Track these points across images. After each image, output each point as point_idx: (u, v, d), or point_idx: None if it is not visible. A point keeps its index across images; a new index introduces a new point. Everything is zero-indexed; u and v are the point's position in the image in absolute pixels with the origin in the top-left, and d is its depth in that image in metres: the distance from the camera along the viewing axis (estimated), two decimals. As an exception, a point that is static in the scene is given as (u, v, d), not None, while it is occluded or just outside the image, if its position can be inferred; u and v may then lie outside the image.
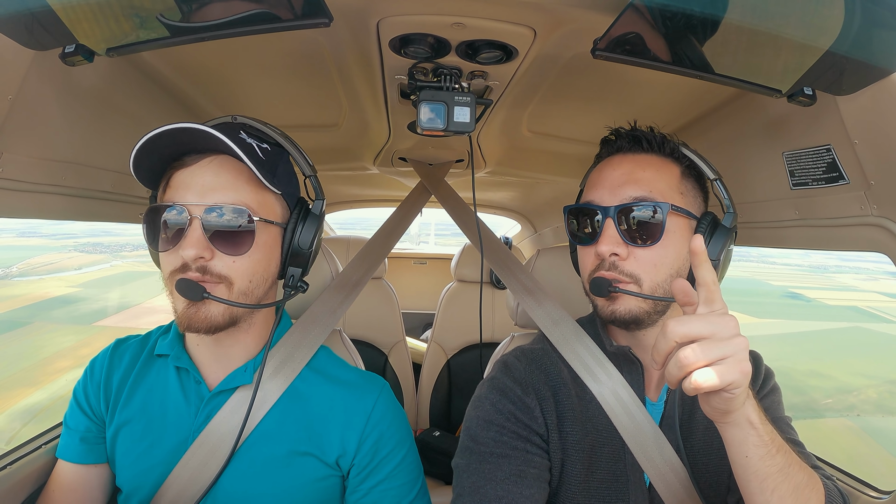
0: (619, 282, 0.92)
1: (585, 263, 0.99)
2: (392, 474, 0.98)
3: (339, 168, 2.23)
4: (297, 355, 1.04)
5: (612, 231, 0.92)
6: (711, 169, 0.99)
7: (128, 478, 0.98)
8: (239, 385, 0.97)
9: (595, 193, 0.97)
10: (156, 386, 1.00)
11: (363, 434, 0.97)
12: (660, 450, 0.95)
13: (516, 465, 0.91)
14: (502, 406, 0.96)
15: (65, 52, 0.83)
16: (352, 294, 1.26)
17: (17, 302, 20.18)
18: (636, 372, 1.01)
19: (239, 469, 0.95)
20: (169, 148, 0.87)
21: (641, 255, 0.92)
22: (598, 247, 0.93)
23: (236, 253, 0.88)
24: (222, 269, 0.87)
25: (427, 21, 0.89)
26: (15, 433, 9.83)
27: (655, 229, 0.91)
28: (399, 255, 4.04)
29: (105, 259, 28.79)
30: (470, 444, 0.96)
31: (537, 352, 1.08)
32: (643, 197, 0.92)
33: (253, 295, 0.92)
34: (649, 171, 0.95)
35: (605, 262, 0.93)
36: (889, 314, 28.65)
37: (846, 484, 1.12)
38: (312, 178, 1.03)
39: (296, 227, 0.97)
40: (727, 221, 0.97)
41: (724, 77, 0.88)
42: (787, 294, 29.80)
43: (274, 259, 0.96)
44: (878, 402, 14.94)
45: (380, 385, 1.05)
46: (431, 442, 2.31)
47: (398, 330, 2.57)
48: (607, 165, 1.00)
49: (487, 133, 1.64)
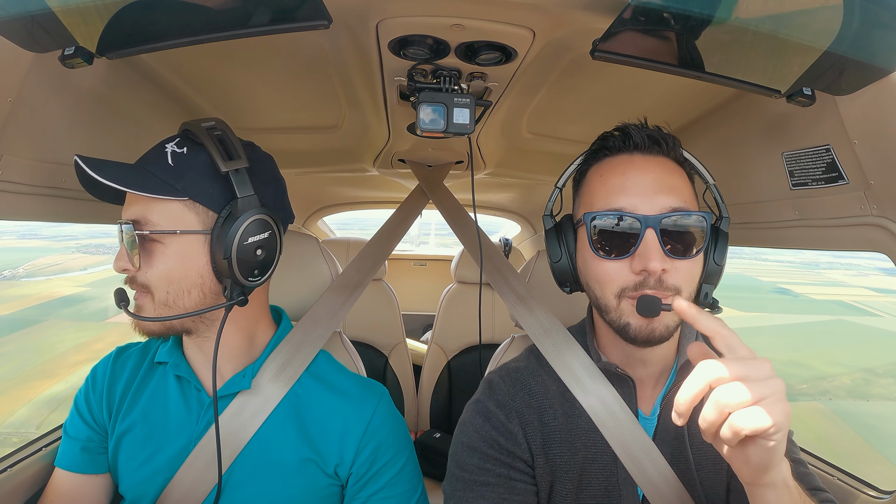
0: (665, 298, 0.83)
1: (615, 279, 0.88)
2: (391, 483, 0.98)
3: (339, 170, 2.23)
4: (298, 358, 1.03)
5: (656, 244, 0.84)
6: (709, 174, 0.97)
7: (130, 485, 0.98)
8: (238, 390, 0.97)
9: (624, 200, 0.87)
10: (157, 393, 1.00)
11: (361, 443, 0.97)
12: (653, 463, 0.94)
13: (499, 494, 0.90)
14: (485, 432, 0.95)
15: (64, 54, 0.83)
16: (353, 296, 1.26)
17: (28, 301, 20.84)
18: (628, 388, 0.98)
19: (241, 475, 0.95)
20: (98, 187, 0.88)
21: (681, 267, 0.86)
22: (646, 262, 0.83)
23: (148, 265, 0.88)
24: (143, 280, 0.88)
25: (426, 22, 0.89)
26: (43, 419, 10.19)
27: (695, 240, 0.87)
28: (399, 257, 4.04)
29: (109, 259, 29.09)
30: (455, 471, 0.95)
31: (522, 370, 1.05)
32: (682, 207, 0.86)
33: (176, 305, 0.89)
34: (675, 177, 0.90)
35: (650, 279, 0.84)
36: (873, 308, 29.22)
37: (846, 483, 1.12)
38: (231, 172, 0.87)
39: (220, 232, 0.87)
40: (724, 226, 0.96)
41: (724, 77, 0.88)
42: (776, 289, 30.12)
43: (194, 269, 0.89)
44: (850, 388, 15.70)
45: (379, 393, 1.04)
46: (432, 444, 2.31)
47: (398, 331, 2.57)
48: (629, 167, 0.90)
49: (487, 134, 1.64)
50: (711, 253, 0.92)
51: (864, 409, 14.03)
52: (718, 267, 0.93)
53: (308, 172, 2.22)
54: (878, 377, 16.81)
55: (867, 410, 13.97)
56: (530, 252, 3.58)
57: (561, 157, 1.89)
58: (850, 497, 1.08)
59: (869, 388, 15.76)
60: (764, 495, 0.67)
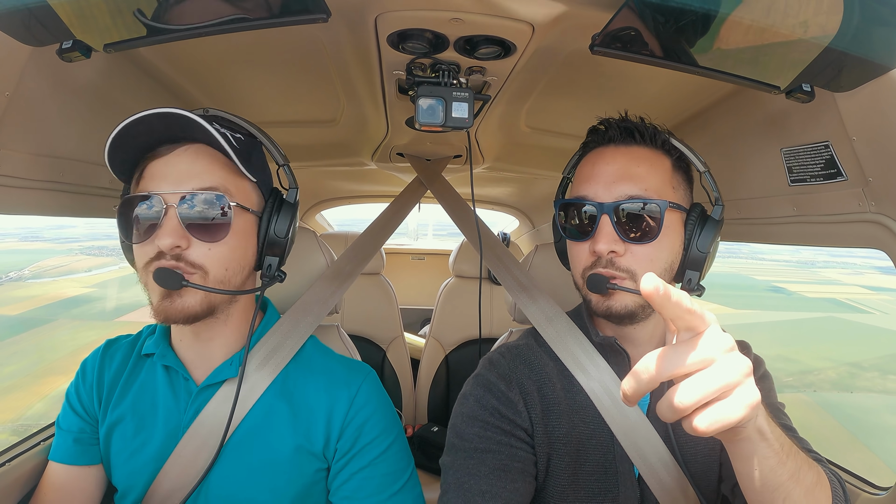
0: (615, 278, 0.92)
1: (579, 259, 0.98)
2: (375, 462, 0.97)
3: (337, 164, 2.23)
4: (286, 346, 1.03)
5: (608, 228, 0.91)
6: (700, 161, 0.99)
7: (122, 476, 0.98)
8: (226, 378, 0.97)
9: (588, 188, 0.96)
10: (146, 385, 1.00)
11: (346, 419, 0.97)
12: (648, 440, 0.96)
13: (500, 460, 0.92)
14: (486, 402, 0.97)
15: (62, 47, 0.83)
16: (343, 285, 1.26)
17: (36, 302, 21.30)
18: (622, 363, 1.01)
19: (230, 463, 0.95)
20: (143, 137, 0.85)
21: (638, 251, 0.92)
22: (595, 244, 0.92)
23: (212, 240, 0.87)
24: (197, 258, 0.86)
25: (425, 16, 0.89)
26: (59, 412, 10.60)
27: (652, 226, 0.91)
28: (397, 251, 4.04)
29: (112, 262, 29.57)
30: (455, 441, 0.96)
31: (522, 347, 1.08)
32: (639, 195, 0.92)
33: (230, 284, 0.91)
34: (643, 165, 0.95)
35: (602, 260, 0.92)
36: (865, 305, 29.62)
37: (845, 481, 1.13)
38: (286, 167, 1.02)
39: (271, 215, 0.96)
40: (716, 214, 0.98)
41: (723, 73, 0.88)
42: (770, 288, 30.42)
43: (250, 248, 0.95)
44: (835, 380, 15.87)
45: (365, 371, 1.04)
46: (430, 437, 2.32)
47: (396, 325, 2.58)
48: (600, 158, 0.98)
49: (485, 128, 1.64)
50: (695, 239, 0.95)
51: (848, 400, 14.36)
52: (701, 254, 0.95)
53: (306, 166, 2.22)
54: (864, 370, 17.16)
55: (851, 402, 14.28)
56: (528, 246, 3.58)
57: (559, 152, 1.89)
58: (849, 494, 1.09)
59: (854, 381, 16.12)
60: (737, 446, 0.65)
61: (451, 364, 2.63)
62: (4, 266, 27.15)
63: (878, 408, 14.17)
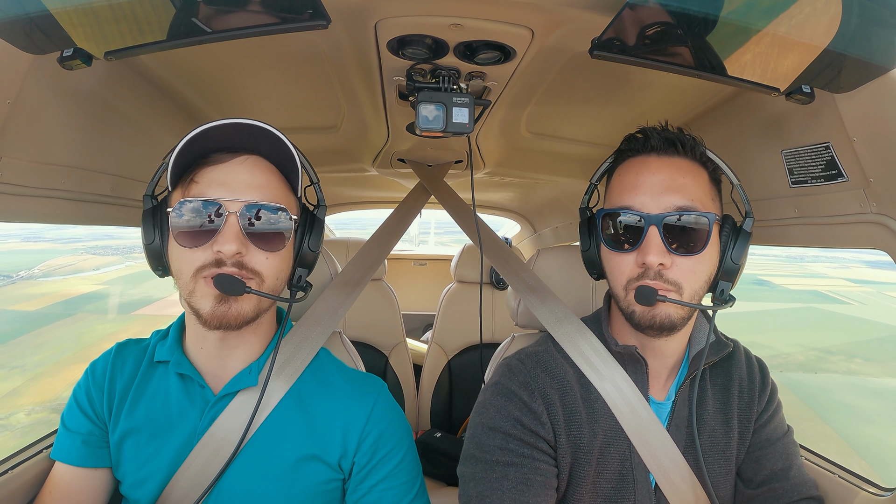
0: (663, 290, 0.91)
1: (621, 270, 0.96)
2: (392, 473, 0.98)
3: (338, 170, 2.23)
4: (300, 356, 1.04)
5: (657, 240, 0.90)
6: (734, 174, 0.99)
7: (133, 482, 0.98)
8: (243, 388, 0.97)
9: (634, 198, 0.94)
10: (158, 393, 1.00)
11: (363, 433, 0.98)
12: (665, 450, 0.95)
13: (522, 474, 0.91)
14: (507, 412, 0.96)
15: (63, 55, 0.83)
16: (353, 294, 1.26)
17: (52, 298, 22.17)
18: (641, 371, 1.01)
19: (243, 470, 0.95)
20: (198, 144, 0.88)
21: (683, 264, 0.91)
22: (644, 256, 0.90)
23: (271, 249, 0.90)
24: (256, 265, 0.89)
25: (425, 22, 0.89)
26: None
27: (700, 239, 0.91)
28: (399, 257, 4.04)
29: (119, 260, 30.20)
30: (475, 452, 0.95)
31: (541, 354, 1.07)
32: (688, 206, 0.91)
33: (277, 292, 0.94)
34: (688, 177, 0.94)
35: (651, 272, 0.91)
36: (845, 297, 30.56)
37: (846, 480, 1.12)
38: (316, 185, 1.06)
39: (305, 229, 1.00)
40: (747, 226, 0.98)
41: (722, 75, 0.88)
42: (755, 281, 30.74)
43: (291, 259, 0.99)
44: (802, 363, 17.46)
45: (378, 385, 1.06)
46: (433, 443, 2.31)
47: (398, 331, 2.57)
48: (644, 168, 0.96)
49: (486, 134, 1.64)
50: (730, 251, 0.96)
51: (810, 380, 15.90)
52: (735, 265, 0.96)
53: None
54: (831, 355, 18.64)
55: (813, 382, 15.83)
56: (530, 251, 3.58)
57: (560, 157, 1.90)
58: (850, 494, 1.08)
59: (819, 364, 17.51)
60: None
61: (454, 369, 2.62)
62: (11, 266, 27.69)
63: (837, 387, 15.77)
